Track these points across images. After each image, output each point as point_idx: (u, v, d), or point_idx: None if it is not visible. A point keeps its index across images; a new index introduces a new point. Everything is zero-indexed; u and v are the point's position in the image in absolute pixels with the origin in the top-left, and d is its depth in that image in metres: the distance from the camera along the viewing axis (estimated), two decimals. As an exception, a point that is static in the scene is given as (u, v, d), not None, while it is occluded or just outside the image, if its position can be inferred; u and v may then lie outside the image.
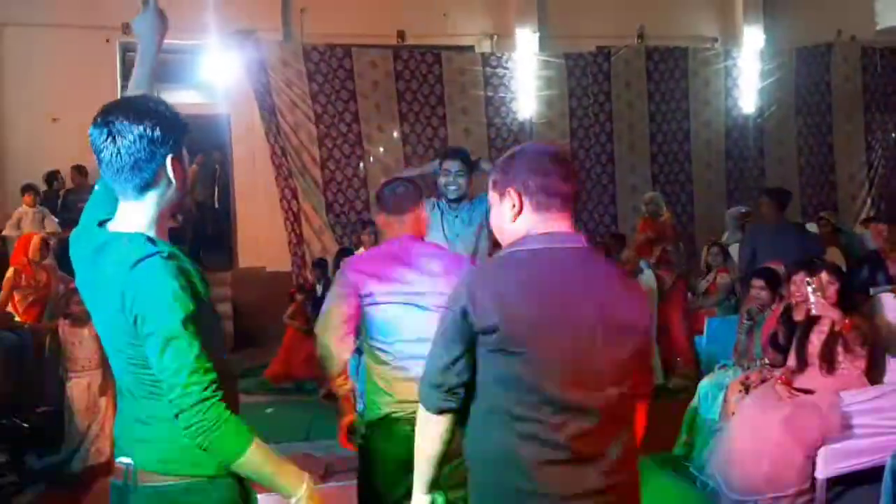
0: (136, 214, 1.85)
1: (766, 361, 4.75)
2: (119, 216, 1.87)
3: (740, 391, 4.60)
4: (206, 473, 1.86)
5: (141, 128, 1.78)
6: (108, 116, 1.79)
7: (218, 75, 9.11)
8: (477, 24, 10.40)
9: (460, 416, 1.92)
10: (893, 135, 10.92)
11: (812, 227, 8.57)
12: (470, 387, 1.88)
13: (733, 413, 4.50)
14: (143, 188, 1.83)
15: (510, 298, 1.80)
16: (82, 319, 5.09)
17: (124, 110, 1.80)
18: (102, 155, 1.80)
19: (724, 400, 4.71)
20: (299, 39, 9.50)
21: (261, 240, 8.97)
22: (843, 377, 4.36)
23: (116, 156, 1.78)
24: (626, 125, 10.05)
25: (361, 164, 9.22)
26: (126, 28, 9.37)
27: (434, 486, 2.03)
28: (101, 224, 1.90)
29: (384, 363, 2.78)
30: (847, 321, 4.28)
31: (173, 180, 1.86)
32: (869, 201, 10.87)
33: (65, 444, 5.20)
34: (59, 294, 6.17)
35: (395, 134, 9.39)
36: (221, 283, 9.63)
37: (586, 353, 1.82)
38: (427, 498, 2.03)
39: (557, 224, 1.91)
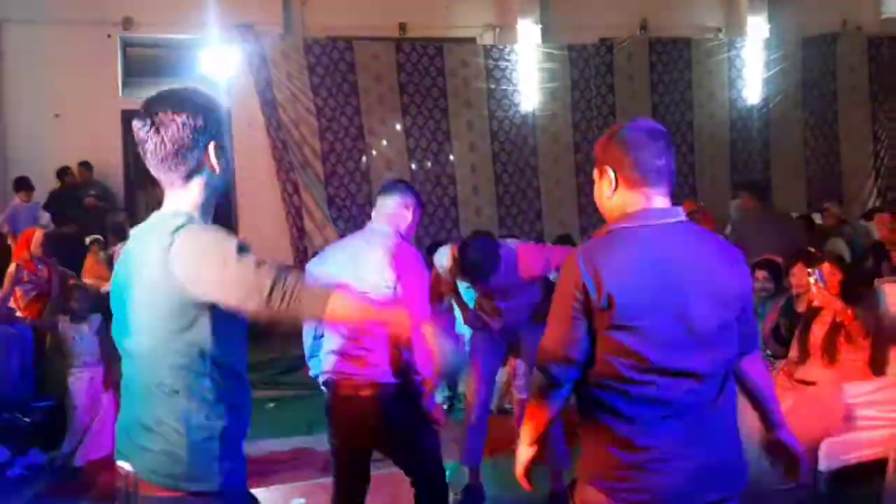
0: (182, 201, 1.88)
1: (768, 353, 4.72)
2: (166, 205, 1.91)
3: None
4: (210, 489, 1.84)
5: (183, 116, 1.84)
6: (151, 108, 1.85)
7: (218, 70, 9.08)
8: (479, 15, 10.34)
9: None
10: (899, 124, 10.86)
11: (816, 218, 8.52)
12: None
13: (735, 405, 4.47)
14: (188, 176, 1.87)
15: (624, 277, 1.94)
16: (82, 315, 5.09)
17: (166, 101, 1.87)
18: (147, 146, 1.85)
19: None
20: (300, 33, 9.47)
21: (262, 234, 8.93)
22: (845, 368, 4.33)
23: (161, 145, 1.83)
24: (629, 117, 9.85)
25: (364, 158, 9.21)
26: (127, 23, 9.37)
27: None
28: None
29: None
30: (850, 312, 4.25)
31: (217, 166, 1.90)
32: (875, 192, 10.80)
33: (67, 439, 5.20)
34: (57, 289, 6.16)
35: (398, 127, 9.37)
36: (224, 277, 9.63)
37: (696, 321, 1.96)
38: (532, 448, 2.19)
39: (654, 200, 2.03)
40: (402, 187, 3.36)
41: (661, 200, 2.04)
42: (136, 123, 1.88)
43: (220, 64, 9.02)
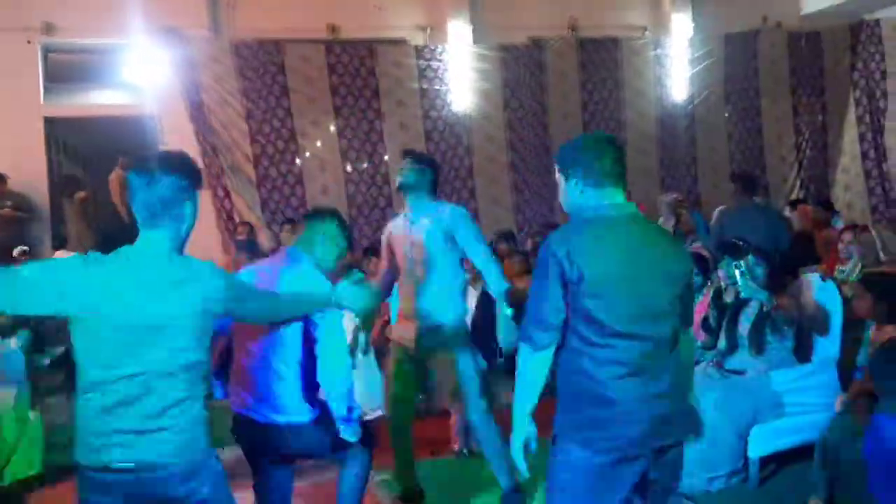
0: (159, 242, 2.39)
1: (698, 344, 4.83)
2: (144, 240, 2.40)
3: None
4: None
5: (172, 178, 2.37)
6: (147, 168, 2.38)
7: (144, 74, 8.89)
8: (409, 16, 10.33)
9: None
10: (820, 118, 11.20)
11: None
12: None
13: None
14: (166, 222, 2.39)
15: (592, 255, 2.35)
16: (5, 332, 4.92)
17: (161, 164, 2.39)
18: (138, 194, 2.37)
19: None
20: (228, 35, 9.31)
21: (193, 239, 8.77)
22: (772, 357, 4.46)
23: (149, 197, 2.36)
24: (561, 116, 10.11)
25: (297, 160, 9.11)
26: (47, 28, 9.09)
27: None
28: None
29: None
30: (775, 302, 4.38)
31: (188, 219, 2.44)
32: (798, 183, 11.14)
33: (-8, 459, 5.01)
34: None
35: (331, 128, 9.29)
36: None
37: (648, 295, 2.40)
38: (533, 426, 2.52)
39: (615, 196, 2.48)
40: None
41: (620, 197, 2.49)
42: (132, 176, 2.46)
43: (145, 69, 8.83)
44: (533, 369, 2.46)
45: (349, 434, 3.19)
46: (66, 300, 2.28)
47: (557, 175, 2.60)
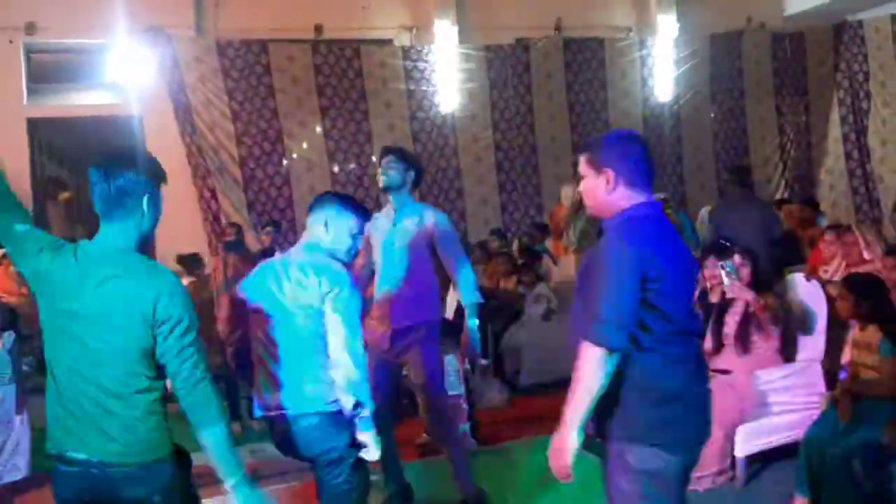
0: (118, 235, 2.39)
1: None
2: (103, 234, 2.41)
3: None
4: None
5: (130, 172, 2.36)
6: (106, 163, 2.38)
7: (128, 74, 8.82)
8: (395, 16, 10.32)
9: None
10: (804, 118, 11.30)
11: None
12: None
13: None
14: (125, 216, 2.38)
15: (665, 252, 2.35)
16: (-11, 333, 4.87)
17: (119, 158, 2.41)
18: (96, 188, 2.37)
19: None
20: (213, 35, 9.26)
21: (179, 241, 8.71)
22: (758, 357, 4.49)
23: (107, 189, 2.36)
24: (547, 116, 10.14)
25: (284, 161, 9.08)
26: (30, 28, 9.01)
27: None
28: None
29: None
30: (760, 302, 4.40)
31: (147, 214, 2.41)
32: (783, 183, 11.22)
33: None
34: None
35: (318, 129, 9.28)
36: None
37: (690, 293, 2.53)
38: (580, 434, 2.33)
39: (649, 195, 2.46)
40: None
41: (651, 196, 2.47)
42: (92, 172, 2.42)
43: (129, 69, 8.77)
44: (606, 373, 2.28)
45: (366, 426, 3.06)
46: (32, 270, 2.40)
47: (584, 169, 2.49)
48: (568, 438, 2.32)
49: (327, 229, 3.18)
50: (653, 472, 2.35)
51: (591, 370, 2.28)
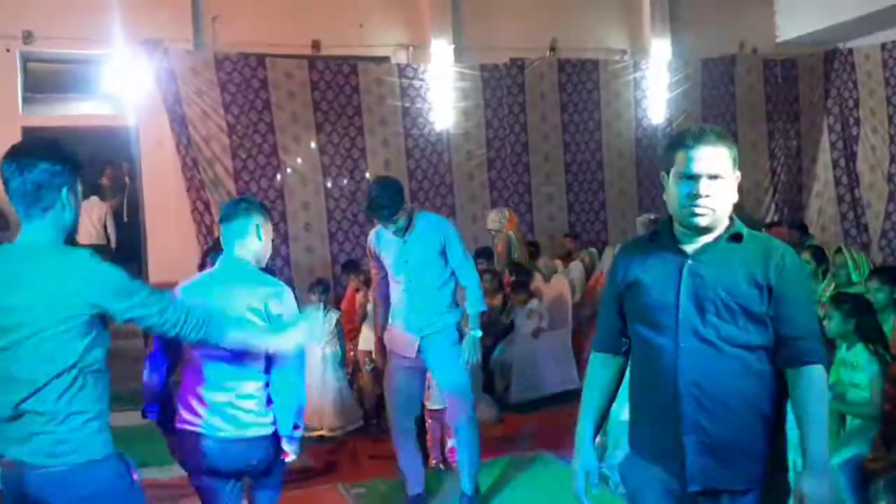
0: (41, 232, 2.30)
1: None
2: (25, 233, 2.32)
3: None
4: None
5: (45, 163, 2.28)
6: (17, 155, 2.29)
7: (125, 86, 8.86)
8: (392, 34, 10.41)
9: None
10: (795, 142, 11.40)
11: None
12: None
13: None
14: (44, 210, 2.30)
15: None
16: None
17: (31, 149, 2.33)
18: (11, 184, 2.28)
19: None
20: (210, 48, 9.31)
21: (172, 254, 8.71)
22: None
23: (22, 184, 2.27)
24: (540, 136, 10.21)
25: (278, 175, 9.10)
26: (27, 37, 9.04)
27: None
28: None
29: None
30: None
31: (68, 206, 2.34)
32: (773, 207, 11.31)
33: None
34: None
35: (313, 144, 9.30)
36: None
37: None
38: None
39: None
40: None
41: None
42: (3, 165, 2.32)
43: (126, 80, 8.80)
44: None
45: (294, 450, 3.08)
46: None
47: (722, 167, 2.35)
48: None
49: (260, 237, 3.13)
50: None
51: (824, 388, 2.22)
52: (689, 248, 2.30)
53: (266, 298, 2.98)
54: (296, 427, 3.06)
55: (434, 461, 5.16)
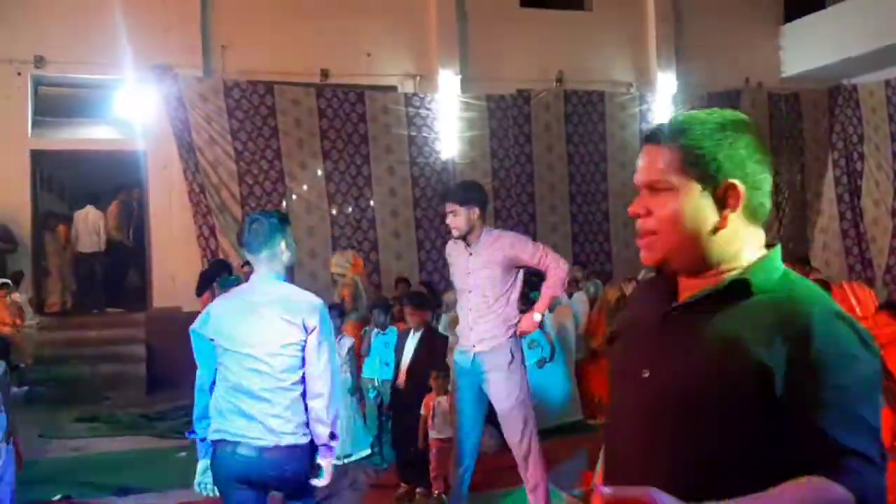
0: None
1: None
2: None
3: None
4: None
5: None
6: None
7: (135, 111, 8.94)
8: (400, 64, 10.50)
9: None
10: (799, 177, 11.43)
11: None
12: None
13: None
14: None
15: None
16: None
17: None
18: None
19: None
20: (220, 75, 9.40)
21: (177, 279, 8.73)
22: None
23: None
24: (545, 166, 10.26)
25: (284, 202, 9.14)
26: (39, 61, 9.13)
27: None
28: None
29: None
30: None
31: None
32: (777, 241, 11.29)
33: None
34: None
35: (319, 171, 9.36)
36: (135, 324, 9.31)
37: None
38: None
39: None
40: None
41: None
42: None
43: (136, 106, 8.88)
44: None
45: (327, 464, 3.07)
46: None
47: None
48: None
49: (287, 245, 3.20)
50: None
51: None
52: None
53: (302, 313, 3.06)
54: (332, 437, 3.07)
55: (437, 491, 5.11)
